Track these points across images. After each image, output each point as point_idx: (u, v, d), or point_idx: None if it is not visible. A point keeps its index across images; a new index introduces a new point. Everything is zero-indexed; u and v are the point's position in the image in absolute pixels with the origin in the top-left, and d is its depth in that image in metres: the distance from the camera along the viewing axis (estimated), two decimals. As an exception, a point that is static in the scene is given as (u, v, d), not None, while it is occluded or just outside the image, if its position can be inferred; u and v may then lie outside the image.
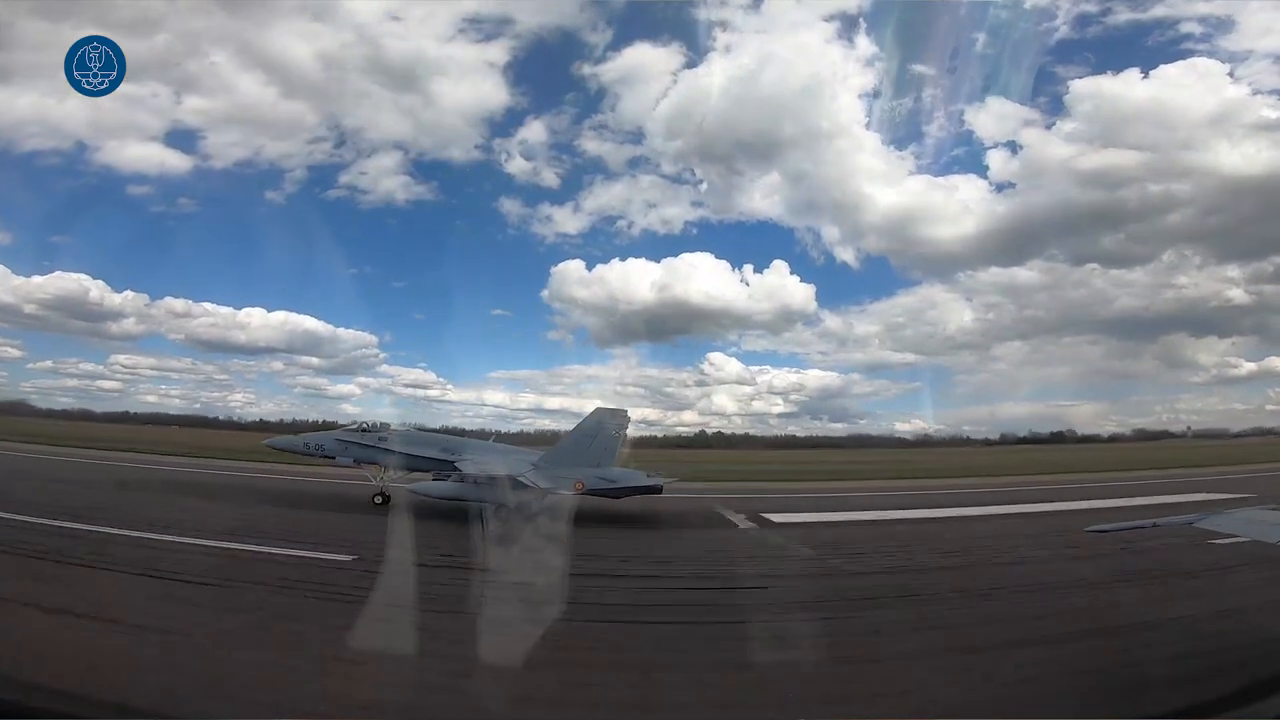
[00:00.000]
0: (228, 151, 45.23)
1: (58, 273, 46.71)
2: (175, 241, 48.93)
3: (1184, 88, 40.07)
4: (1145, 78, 40.05)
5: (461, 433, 20.88)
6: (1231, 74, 39.69)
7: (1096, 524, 9.99)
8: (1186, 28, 40.40)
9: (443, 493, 15.49)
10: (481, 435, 18.86)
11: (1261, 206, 40.30)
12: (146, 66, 40.23)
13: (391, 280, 48.37)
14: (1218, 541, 10.49)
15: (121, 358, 49.75)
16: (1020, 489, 24.91)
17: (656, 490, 16.59)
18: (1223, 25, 40.78)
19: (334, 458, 16.52)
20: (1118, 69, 40.72)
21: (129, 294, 47.69)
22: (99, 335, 48.76)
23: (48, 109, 43.95)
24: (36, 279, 46.25)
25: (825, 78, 42.96)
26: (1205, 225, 41.78)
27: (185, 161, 45.43)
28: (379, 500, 16.04)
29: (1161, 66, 41.38)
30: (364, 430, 16.61)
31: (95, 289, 46.43)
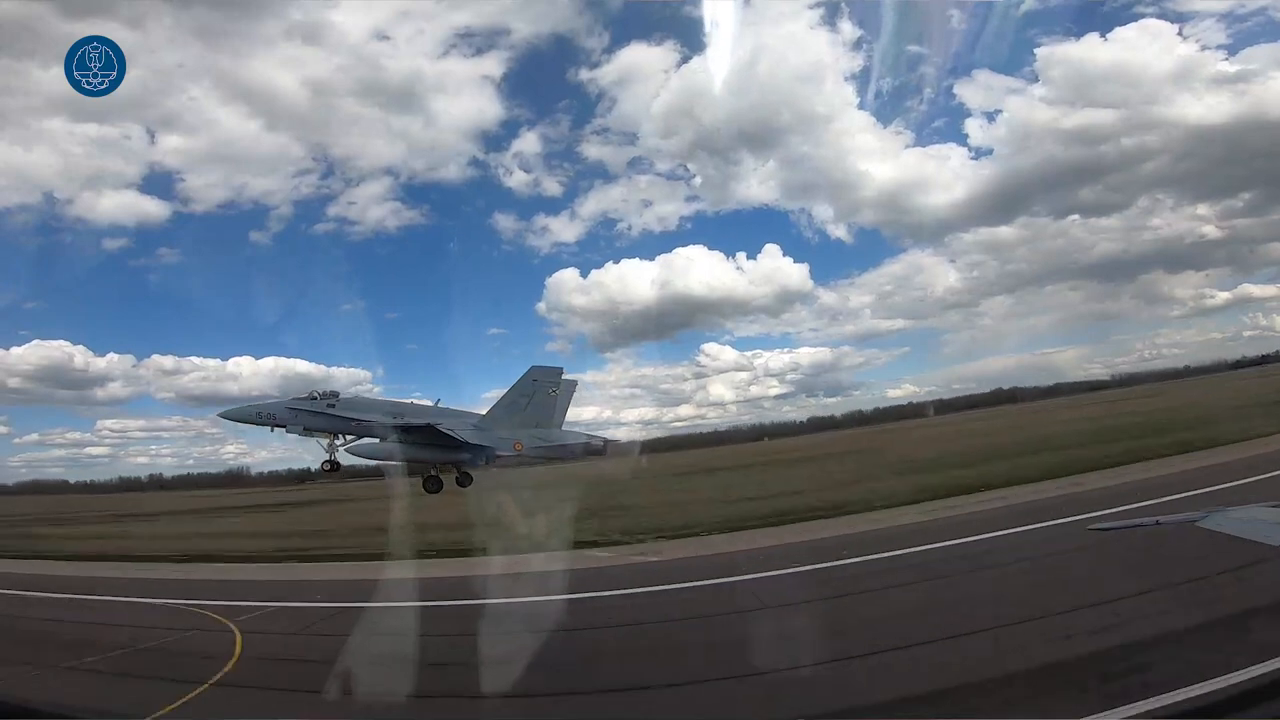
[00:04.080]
0: (208, 193, 43.94)
1: (36, 341, 42.86)
2: (158, 296, 45.75)
3: (1140, 48, 43.59)
4: (1105, 40, 41.51)
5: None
6: (1180, 33, 44.10)
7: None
8: (1136, -9, 40.81)
9: (381, 453, 15.70)
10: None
11: (1227, 150, 44.22)
12: (118, 106, 38.07)
13: (384, 312, 47.33)
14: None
15: (109, 422, 46.59)
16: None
17: (599, 451, 16.34)
18: (1168, -13, 41.72)
19: (285, 426, 16.96)
20: (1079, 34, 42.61)
21: (113, 356, 44.84)
22: (86, 403, 46.12)
23: (13, 158, 41.33)
24: (15, 350, 42.26)
25: (815, 63, 43.84)
26: (1177, 170, 45.53)
27: (163, 209, 43.73)
28: (327, 468, 16.35)
29: (1117, 29, 43.36)
30: (314, 398, 17.04)
31: (78, 355, 43.34)
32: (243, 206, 44.12)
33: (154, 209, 43.51)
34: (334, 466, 16.59)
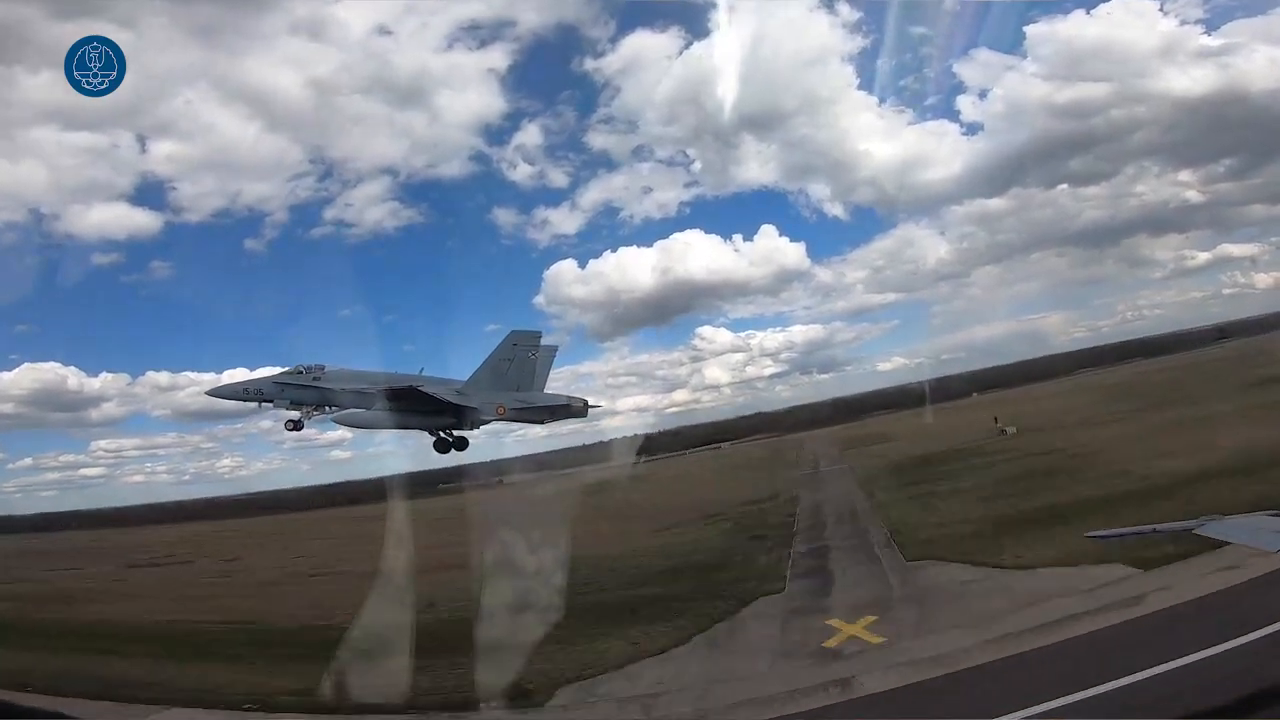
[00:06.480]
0: (202, 202, 42.13)
1: (26, 365, 40.57)
2: (151, 311, 43.44)
3: (1125, 24, 44.76)
4: (1090, 16, 45.06)
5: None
6: (1161, 9, 45.08)
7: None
8: (1116, -32, 48.96)
9: (368, 420, 16.10)
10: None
11: (1210, 120, 45.18)
12: (109, 113, 35.41)
13: (382, 315, 45.80)
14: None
15: (103, 443, 44.68)
16: None
17: (580, 413, 16.77)
18: (1146, -37, 49.17)
19: (272, 401, 17.34)
20: (1067, 11, 47.12)
21: (106, 376, 42.28)
22: (80, 424, 44.24)
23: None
24: (6, 375, 40.16)
25: (815, 46, 46.01)
26: (1163, 140, 47.47)
27: (155, 220, 42.09)
28: (290, 427, 16.63)
29: (1101, 6, 46.18)
30: (300, 372, 17.45)
31: (71, 376, 41.13)
32: (237, 214, 43.12)
33: (146, 220, 42.77)
34: (298, 426, 16.89)
